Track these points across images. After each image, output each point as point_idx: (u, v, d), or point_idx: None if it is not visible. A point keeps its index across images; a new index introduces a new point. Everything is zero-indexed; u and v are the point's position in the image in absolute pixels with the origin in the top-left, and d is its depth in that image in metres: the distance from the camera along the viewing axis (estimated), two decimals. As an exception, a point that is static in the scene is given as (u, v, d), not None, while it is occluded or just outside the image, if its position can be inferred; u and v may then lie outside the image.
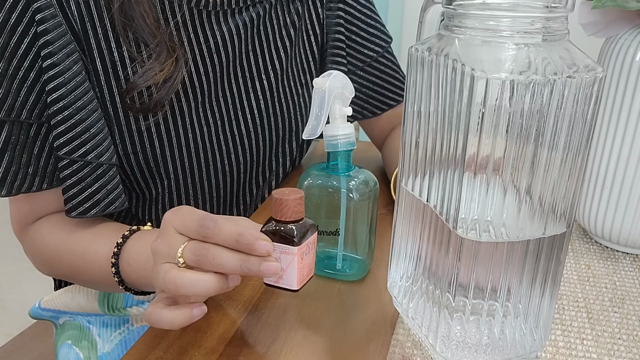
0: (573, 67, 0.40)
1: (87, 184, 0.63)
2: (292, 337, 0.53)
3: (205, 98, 0.70)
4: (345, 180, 0.58)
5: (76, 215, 0.63)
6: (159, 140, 0.67)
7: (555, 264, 0.45)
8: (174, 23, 0.65)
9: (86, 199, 0.63)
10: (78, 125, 0.61)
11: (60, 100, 0.60)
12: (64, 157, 0.61)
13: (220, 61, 0.70)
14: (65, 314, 0.83)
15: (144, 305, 0.78)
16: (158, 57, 0.63)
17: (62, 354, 0.79)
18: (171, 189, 0.71)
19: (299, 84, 0.79)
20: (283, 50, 0.77)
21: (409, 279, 0.51)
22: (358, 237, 0.59)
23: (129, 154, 0.67)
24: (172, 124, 0.67)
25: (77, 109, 0.61)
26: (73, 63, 0.60)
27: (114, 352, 0.78)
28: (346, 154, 0.58)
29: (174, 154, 0.69)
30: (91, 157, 0.62)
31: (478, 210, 0.42)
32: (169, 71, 0.63)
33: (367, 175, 0.59)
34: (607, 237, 0.68)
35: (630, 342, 0.53)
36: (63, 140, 0.61)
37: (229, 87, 0.72)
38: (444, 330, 0.46)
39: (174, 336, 0.52)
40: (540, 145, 0.40)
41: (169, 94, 0.64)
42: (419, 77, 0.46)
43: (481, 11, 0.41)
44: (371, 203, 0.58)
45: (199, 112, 0.69)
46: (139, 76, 0.62)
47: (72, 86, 0.60)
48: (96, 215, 0.64)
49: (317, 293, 0.59)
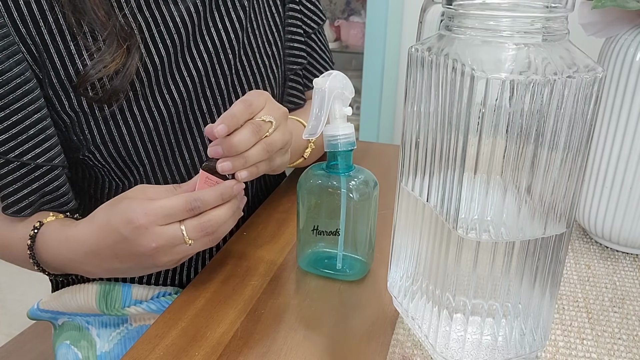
0: (573, 67, 0.40)
1: (23, 184, 0.63)
2: (292, 337, 0.53)
3: (167, 79, 0.69)
4: (345, 180, 0.58)
5: (11, 213, 0.64)
6: (125, 126, 0.67)
7: (555, 264, 0.45)
8: (125, 12, 0.65)
9: (22, 199, 0.64)
10: (15, 126, 0.61)
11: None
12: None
13: (174, 42, 0.69)
14: (64, 314, 0.83)
15: (142, 305, 0.78)
16: (109, 47, 0.63)
17: (60, 354, 0.79)
18: (147, 174, 0.72)
19: (265, 55, 0.79)
20: (238, 22, 0.76)
21: (409, 279, 0.51)
22: (358, 237, 0.59)
23: (99, 146, 0.67)
24: (137, 109, 0.68)
25: (15, 110, 0.61)
26: (15, 64, 0.60)
27: (113, 351, 0.78)
28: (346, 154, 0.58)
29: (144, 139, 0.69)
30: (27, 159, 0.62)
31: (478, 210, 0.42)
32: (120, 61, 0.63)
33: (367, 175, 0.59)
34: (607, 237, 0.68)
35: (630, 342, 0.53)
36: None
37: (194, 66, 0.71)
38: (444, 330, 0.46)
39: (174, 336, 0.52)
40: (540, 145, 0.41)
41: (123, 84, 0.64)
42: (419, 77, 0.46)
43: (481, 11, 0.41)
44: (371, 203, 0.58)
45: (163, 93, 0.69)
46: (90, 67, 0.63)
47: (11, 87, 0.60)
48: (31, 214, 0.65)
49: (317, 293, 0.59)
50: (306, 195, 0.59)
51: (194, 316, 0.55)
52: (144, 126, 0.68)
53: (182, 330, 0.53)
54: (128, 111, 0.67)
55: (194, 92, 0.72)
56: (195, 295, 0.58)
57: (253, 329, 0.54)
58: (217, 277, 0.61)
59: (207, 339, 0.52)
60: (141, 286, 0.79)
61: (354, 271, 0.61)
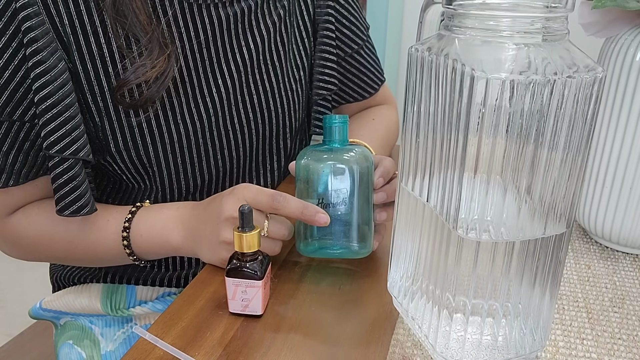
0: (573, 67, 0.40)
1: (79, 182, 0.62)
2: (292, 337, 0.53)
3: (196, 93, 0.69)
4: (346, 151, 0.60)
5: (69, 214, 0.62)
6: (150, 136, 0.67)
7: (555, 264, 0.45)
8: (165, 19, 0.65)
9: (78, 198, 0.63)
10: (67, 123, 0.60)
11: (48, 98, 0.59)
12: (55, 155, 0.60)
13: (210, 56, 0.69)
14: (67, 314, 0.83)
15: (147, 305, 0.78)
16: (150, 53, 0.62)
17: (62, 353, 0.79)
18: (164, 183, 0.71)
19: (293, 79, 0.79)
20: (282, 45, 0.76)
21: (409, 279, 0.51)
22: (361, 207, 0.60)
23: (122, 151, 0.67)
24: (164, 119, 0.67)
25: (66, 107, 0.60)
26: (57, 61, 0.60)
27: (117, 351, 0.78)
28: (342, 127, 0.60)
29: (166, 149, 0.69)
30: (82, 155, 0.62)
31: (478, 210, 0.42)
32: (161, 68, 0.63)
33: (364, 150, 0.61)
34: (607, 237, 0.68)
35: (630, 342, 0.53)
36: (53, 139, 0.60)
37: (222, 82, 0.71)
38: (444, 331, 0.46)
39: (174, 336, 0.52)
40: (540, 145, 0.40)
41: (160, 91, 0.64)
42: (418, 77, 0.46)
43: (481, 11, 0.41)
44: (370, 178, 0.60)
45: (190, 106, 0.69)
46: (131, 72, 0.62)
47: (59, 84, 0.60)
48: (87, 214, 0.64)
49: (317, 293, 0.59)
50: (306, 171, 0.60)
51: (194, 316, 0.55)
52: (167, 137, 0.68)
53: (182, 330, 0.53)
54: (154, 120, 0.67)
55: (220, 108, 0.72)
56: (195, 295, 0.58)
57: (253, 329, 0.54)
58: (217, 277, 0.61)
59: (207, 339, 0.52)
60: (145, 287, 0.79)
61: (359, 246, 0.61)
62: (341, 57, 0.86)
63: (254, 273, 0.53)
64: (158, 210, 0.67)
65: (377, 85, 0.92)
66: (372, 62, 0.90)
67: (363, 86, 0.90)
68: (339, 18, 0.84)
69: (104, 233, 0.67)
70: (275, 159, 0.82)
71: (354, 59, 0.87)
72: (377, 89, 0.92)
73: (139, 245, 0.66)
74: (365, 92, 0.91)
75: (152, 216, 0.66)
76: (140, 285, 0.79)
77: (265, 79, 0.75)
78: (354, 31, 0.86)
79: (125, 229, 0.66)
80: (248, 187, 0.60)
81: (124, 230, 0.66)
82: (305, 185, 0.60)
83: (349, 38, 0.86)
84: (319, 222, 0.57)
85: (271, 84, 0.76)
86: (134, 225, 0.66)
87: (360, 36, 0.87)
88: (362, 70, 0.89)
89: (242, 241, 0.53)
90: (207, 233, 0.61)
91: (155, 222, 0.66)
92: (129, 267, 0.78)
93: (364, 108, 0.94)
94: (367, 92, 0.91)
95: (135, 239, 0.66)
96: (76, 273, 0.81)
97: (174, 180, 0.72)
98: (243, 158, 0.76)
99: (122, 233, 0.66)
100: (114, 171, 0.70)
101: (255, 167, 0.79)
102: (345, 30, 0.85)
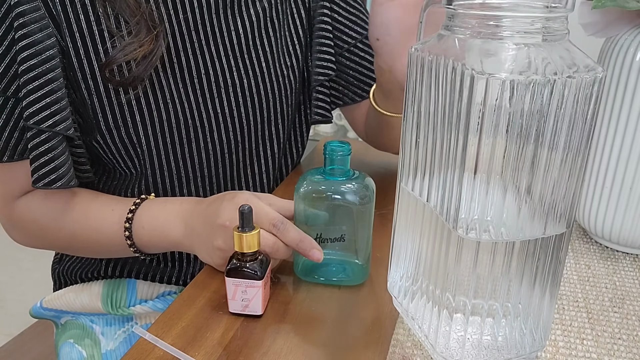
0: (573, 67, 0.40)
1: (55, 156, 0.63)
2: (292, 337, 0.53)
3: (184, 73, 0.70)
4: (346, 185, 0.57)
5: (42, 186, 0.63)
6: (140, 114, 0.68)
7: (555, 264, 0.45)
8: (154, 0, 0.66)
9: (52, 170, 0.63)
10: (48, 96, 0.61)
11: (31, 71, 0.60)
12: (32, 126, 0.62)
13: (199, 37, 0.70)
14: (67, 313, 0.83)
15: (147, 304, 0.78)
16: (138, 33, 0.63)
17: (63, 352, 0.79)
18: (154, 167, 0.72)
19: (284, 65, 0.79)
20: (272, 31, 0.76)
21: (409, 279, 0.51)
22: (359, 242, 0.59)
23: (111, 129, 0.68)
24: (153, 99, 0.68)
25: (48, 81, 0.61)
26: (46, 37, 0.61)
27: (118, 350, 0.78)
28: (343, 158, 0.57)
29: (155, 130, 0.69)
30: (60, 129, 0.63)
31: (478, 210, 0.42)
32: (148, 47, 0.64)
33: (366, 179, 0.59)
34: (607, 237, 0.68)
35: (630, 342, 0.53)
36: (32, 110, 0.61)
37: (211, 64, 0.72)
38: (444, 331, 0.46)
39: (174, 336, 0.52)
40: (540, 145, 0.41)
41: (147, 70, 0.65)
42: (418, 77, 0.46)
43: (481, 11, 0.41)
44: (372, 207, 0.58)
45: (179, 87, 0.70)
46: (118, 50, 0.63)
47: (44, 58, 0.61)
48: (61, 187, 0.64)
49: (317, 293, 0.59)
50: (304, 202, 0.58)
51: (194, 316, 0.55)
52: (157, 115, 0.69)
53: (182, 330, 0.53)
54: (143, 98, 0.67)
55: (209, 90, 0.72)
56: (195, 295, 0.58)
57: (253, 329, 0.54)
58: (217, 277, 0.61)
59: (207, 339, 0.52)
60: (146, 283, 0.79)
61: (355, 276, 0.61)
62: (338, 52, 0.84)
63: (254, 273, 0.53)
64: (162, 203, 0.67)
65: None
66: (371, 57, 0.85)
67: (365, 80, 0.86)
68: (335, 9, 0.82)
69: (107, 222, 0.67)
70: (269, 145, 0.81)
71: (352, 53, 0.84)
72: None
73: (140, 237, 0.67)
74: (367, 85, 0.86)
75: (155, 209, 0.67)
76: (141, 280, 0.79)
77: (256, 64, 0.75)
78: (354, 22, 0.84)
79: (128, 220, 0.66)
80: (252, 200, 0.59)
81: (126, 221, 0.66)
82: (304, 219, 0.59)
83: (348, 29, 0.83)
84: (313, 258, 0.57)
85: (261, 68, 0.76)
86: (137, 217, 0.66)
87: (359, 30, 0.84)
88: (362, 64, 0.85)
89: (242, 241, 0.53)
90: (204, 236, 0.61)
91: (157, 215, 0.66)
92: (130, 259, 0.78)
93: None
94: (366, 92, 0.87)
95: (137, 230, 0.66)
96: (78, 267, 0.81)
97: (164, 163, 0.72)
98: (235, 143, 0.76)
99: (125, 224, 0.66)
100: (104, 154, 0.71)
101: (249, 154, 0.79)
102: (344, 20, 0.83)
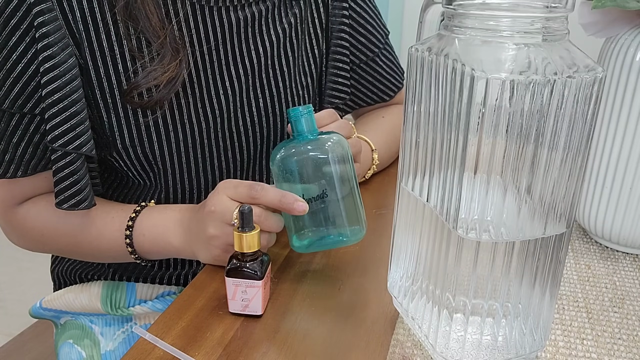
0: (573, 67, 0.40)
1: (79, 177, 0.63)
2: (292, 337, 0.53)
3: (204, 94, 0.70)
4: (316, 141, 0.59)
5: (68, 207, 0.63)
6: (156, 135, 0.67)
7: (555, 264, 0.45)
8: (176, 21, 0.65)
9: (77, 192, 0.63)
10: (73, 118, 0.61)
11: (55, 93, 0.60)
12: (58, 149, 0.61)
13: (219, 58, 0.70)
14: (67, 313, 0.83)
15: (146, 305, 0.78)
16: (162, 59, 0.63)
17: (63, 353, 0.79)
18: (168, 182, 0.72)
19: (300, 85, 0.79)
20: (291, 51, 0.76)
21: (409, 279, 0.51)
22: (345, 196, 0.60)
23: (128, 148, 0.67)
24: (170, 119, 0.68)
25: (72, 102, 0.61)
26: (68, 56, 0.60)
27: (117, 350, 0.78)
28: (309, 117, 0.60)
29: (172, 149, 0.69)
30: (85, 150, 0.63)
31: (478, 210, 0.42)
32: (172, 73, 0.63)
33: (338, 137, 0.61)
34: (607, 237, 0.68)
35: (630, 342, 0.53)
36: (57, 133, 0.61)
37: (230, 85, 0.71)
38: (444, 330, 0.46)
39: (174, 336, 0.52)
40: (540, 145, 0.41)
41: (169, 94, 0.64)
42: (419, 77, 0.46)
43: (481, 11, 0.41)
44: (349, 160, 0.60)
45: (197, 107, 0.69)
46: (142, 77, 0.63)
47: (67, 79, 0.60)
48: (86, 208, 0.65)
49: (317, 293, 0.59)
50: (283, 168, 0.59)
51: (194, 316, 0.55)
52: (173, 136, 0.69)
53: (182, 330, 0.53)
54: (161, 119, 0.67)
55: (227, 110, 0.72)
56: (195, 295, 0.58)
57: (253, 329, 0.54)
58: (217, 277, 0.61)
59: (207, 339, 0.52)
60: (145, 285, 0.79)
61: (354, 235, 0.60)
62: (356, 64, 0.85)
63: (254, 273, 0.53)
64: (161, 211, 0.67)
65: (393, 92, 0.91)
66: (389, 69, 0.89)
67: (378, 93, 0.90)
68: (354, 26, 0.83)
69: (108, 229, 0.67)
70: None
71: (369, 66, 0.87)
72: (392, 95, 0.91)
73: (141, 244, 0.67)
74: (380, 98, 0.90)
75: (155, 217, 0.67)
76: (141, 282, 0.79)
77: (273, 84, 0.75)
78: (370, 39, 0.85)
79: (129, 228, 0.66)
80: (228, 181, 0.61)
81: (127, 229, 0.66)
82: (285, 182, 0.60)
83: (365, 46, 0.85)
84: (298, 211, 0.57)
85: (278, 88, 0.76)
86: (137, 224, 0.66)
87: (377, 44, 0.86)
88: (378, 77, 0.88)
89: (242, 241, 0.53)
90: (198, 231, 0.61)
91: (157, 222, 0.66)
92: (130, 265, 0.78)
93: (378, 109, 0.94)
94: (381, 99, 0.90)
95: (138, 238, 0.66)
96: (77, 268, 0.81)
97: (178, 180, 0.72)
98: (247, 161, 0.77)
99: (125, 231, 0.66)
100: (120, 167, 0.71)
101: (259, 171, 0.79)
102: (361, 38, 0.84)
